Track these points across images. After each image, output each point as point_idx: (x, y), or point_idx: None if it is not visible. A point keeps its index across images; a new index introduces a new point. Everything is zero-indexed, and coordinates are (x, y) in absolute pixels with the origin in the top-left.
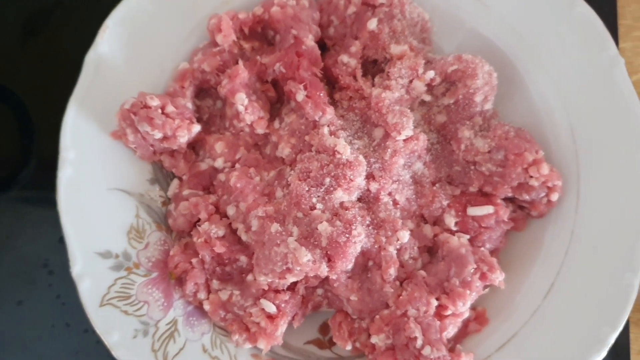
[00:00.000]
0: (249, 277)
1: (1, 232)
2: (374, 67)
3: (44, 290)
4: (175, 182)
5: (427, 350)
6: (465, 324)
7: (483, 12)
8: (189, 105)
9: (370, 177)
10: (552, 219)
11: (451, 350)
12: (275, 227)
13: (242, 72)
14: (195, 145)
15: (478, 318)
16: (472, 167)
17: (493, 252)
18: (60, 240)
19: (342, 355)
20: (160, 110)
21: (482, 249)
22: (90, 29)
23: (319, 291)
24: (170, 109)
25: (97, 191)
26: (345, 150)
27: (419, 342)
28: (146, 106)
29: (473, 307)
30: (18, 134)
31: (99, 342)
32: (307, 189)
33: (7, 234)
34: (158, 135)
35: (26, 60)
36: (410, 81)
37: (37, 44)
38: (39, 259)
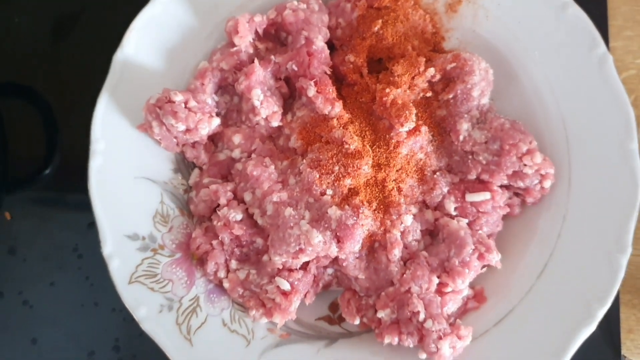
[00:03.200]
0: (265, 258)
1: (35, 219)
2: (378, 65)
3: (74, 272)
4: (196, 171)
5: (429, 324)
6: (465, 302)
7: (481, 14)
8: (209, 100)
9: (376, 165)
10: (546, 205)
11: (452, 324)
12: (288, 211)
13: (258, 70)
14: (214, 138)
15: (477, 296)
16: (470, 157)
17: (490, 236)
18: (89, 226)
19: (350, 330)
20: (183, 105)
21: (480, 232)
22: (114, 33)
23: (329, 271)
24: (192, 103)
25: (125, 179)
26: (352, 141)
27: (422, 316)
28: (170, 101)
29: (472, 286)
30: (43, 133)
31: (125, 319)
32: (317, 176)
33: (40, 220)
34: (181, 127)
35: (52, 63)
36: (412, 78)
37: (63, 47)
38: (69, 244)
